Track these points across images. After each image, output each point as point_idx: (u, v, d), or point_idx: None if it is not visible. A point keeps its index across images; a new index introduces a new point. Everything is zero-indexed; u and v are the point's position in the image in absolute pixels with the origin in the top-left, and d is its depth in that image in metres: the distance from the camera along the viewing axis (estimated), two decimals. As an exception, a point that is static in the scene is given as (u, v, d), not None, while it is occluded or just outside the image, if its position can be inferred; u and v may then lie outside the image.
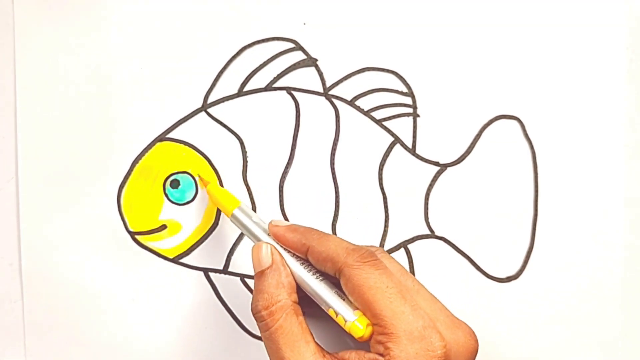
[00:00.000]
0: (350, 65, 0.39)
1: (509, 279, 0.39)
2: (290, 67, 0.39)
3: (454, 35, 0.39)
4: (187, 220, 0.38)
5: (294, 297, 0.31)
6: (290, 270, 0.32)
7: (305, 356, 0.29)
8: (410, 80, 0.39)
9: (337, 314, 0.30)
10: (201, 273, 0.38)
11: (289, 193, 0.38)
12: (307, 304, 0.32)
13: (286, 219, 0.38)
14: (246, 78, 0.38)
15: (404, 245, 0.38)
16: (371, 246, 0.33)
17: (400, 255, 0.38)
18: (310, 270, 0.32)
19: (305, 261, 0.32)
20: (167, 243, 0.38)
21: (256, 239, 0.33)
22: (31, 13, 0.38)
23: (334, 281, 0.31)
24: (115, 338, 0.38)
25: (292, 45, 0.39)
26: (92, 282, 0.38)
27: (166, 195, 0.38)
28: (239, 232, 0.38)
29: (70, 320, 0.38)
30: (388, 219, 0.38)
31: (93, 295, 0.38)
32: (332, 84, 0.39)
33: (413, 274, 0.38)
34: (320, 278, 0.32)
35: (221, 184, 0.38)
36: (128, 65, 0.38)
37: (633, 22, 0.39)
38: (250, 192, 0.38)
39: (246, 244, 0.38)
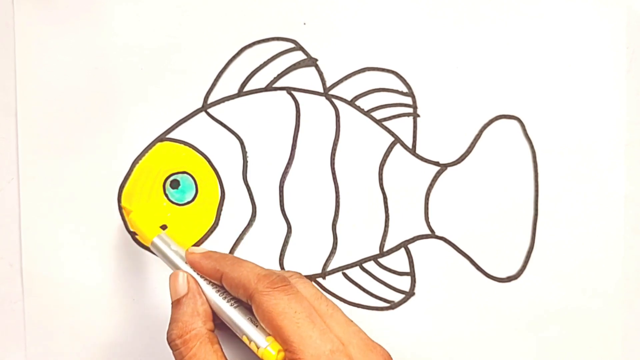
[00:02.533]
0: (350, 65, 0.39)
1: (509, 279, 0.39)
2: (290, 67, 0.39)
3: (454, 35, 0.39)
4: (187, 221, 0.38)
5: (210, 325, 0.32)
6: (207, 298, 0.32)
7: None
8: (410, 80, 0.39)
9: (250, 341, 0.31)
10: (201, 273, 0.38)
11: (289, 193, 0.38)
12: (226, 330, 0.32)
13: (286, 219, 0.38)
14: (246, 78, 0.38)
15: (404, 245, 0.39)
16: (287, 271, 0.34)
17: (400, 255, 0.38)
18: (225, 298, 0.32)
19: (221, 288, 0.33)
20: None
21: (175, 267, 0.34)
22: (31, 13, 0.38)
23: (249, 307, 0.31)
24: (115, 338, 0.38)
25: (292, 45, 0.39)
26: (92, 282, 0.38)
27: (166, 195, 0.38)
28: (239, 232, 0.38)
29: (70, 320, 0.38)
30: (388, 219, 0.38)
31: (93, 295, 0.38)
32: (332, 84, 0.39)
33: (413, 274, 0.38)
34: (235, 305, 0.32)
35: (221, 184, 0.38)
36: (128, 65, 0.38)
37: (633, 22, 0.39)
38: (250, 192, 0.38)
39: (246, 244, 0.38)
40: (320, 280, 0.38)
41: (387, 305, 0.38)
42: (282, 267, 0.38)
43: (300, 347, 0.28)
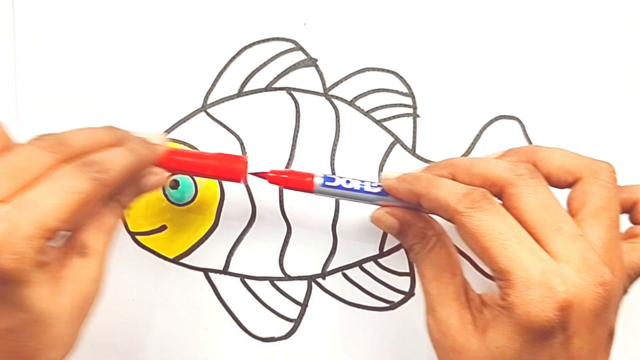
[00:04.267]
0: (350, 65, 0.39)
1: (509, 279, 0.38)
2: (290, 67, 0.39)
3: (454, 35, 0.39)
4: (187, 221, 0.38)
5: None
6: None
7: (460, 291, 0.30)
8: (410, 81, 0.39)
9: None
10: (201, 273, 0.38)
11: (289, 193, 0.38)
12: None
13: (286, 219, 0.38)
14: (246, 78, 0.38)
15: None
16: (515, 165, 0.30)
17: (400, 256, 0.38)
18: None
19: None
20: (167, 243, 0.38)
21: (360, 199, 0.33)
22: (31, 13, 0.38)
23: None
24: (115, 338, 0.38)
25: (292, 45, 0.39)
26: (92, 282, 0.38)
27: (165, 195, 0.38)
28: (239, 232, 0.38)
29: (70, 321, 0.38)
30: (388, 219, 0.38)
31: (93, 295, 0.38)
32: (332, 84, 0.39)
33: (413, 274, 0.38)
34: None
35: (221, 184, 0.38)
36: (128, 66, 0.38)
37: (633, 22, 0.39)
38: (250, 192, 0.38)
39: (246, 244, 0.38)
40: (320, 280, 0.38)
41: (387, 305, 0.38)
42: (282, 268, 0.38)
43: (508, 269, 0.27)
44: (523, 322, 0.26)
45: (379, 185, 0.33)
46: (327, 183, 0.33)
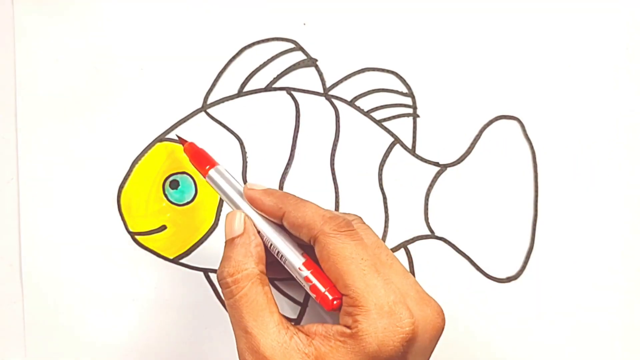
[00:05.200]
0: (350, 65, 0.39)
1: (509, 279, 0.39)
2: (290, 67, 0.39)
3: (454, 35, 0.39)
4: (187, 221, 0.38)
5: (262, 267, 0.31)
6: (262, 237, 0.31)
7: (269, 326, 0.29)
8: (410, 81, 0.39)
9: (307, 284, 0.30)
10: (201, 273, 0.38)
11: (289, 193, 0.38)
12: (277, 272, 0.32)
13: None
14: (246, 78, 0.38)
15: (404, 245, 0.38)
16: (348, 214, 0.32)
17: (400, 256, 0.38)
18: (282, 238, 0.31)
19: (279, 227, 0.32)
20: (167, 243, 0.38)
21: (231, 202, 0.33)
22: (31, 13, 0.38)
23: (308, 250, 0.31)
24: (115, 338, 0.38)
25: (292, 45, 0.39)
26: (92, 282, 0.38)
27: (165, 195, 0.38)
28: (239, 232, 0.38)
29: (70, 320, 0.38)
30: (388, 219, 0.38)
31: (93, 295, 0.38)
32: (332, 84, 0.39)
33: (413, 274, 0.38)
34: (291, 246, 0.31)
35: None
36: (128, 65, 0.38)
37: (633, 22, 0.39)
38: (250, 192, 0.38)
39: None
40: (320, 280, 0.38)
41: (386, 305, 0.38)
42: (281, 267, 0.38)
43: (364, 295, 0.27)
44: (371, 351, 0.27)
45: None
46: (215, 178, 0.33)
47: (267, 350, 0.28)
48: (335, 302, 0.29)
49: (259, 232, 0.31)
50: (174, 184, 0.38)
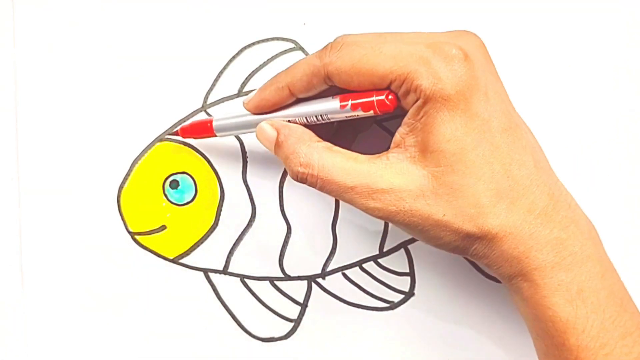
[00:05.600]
0: (350, 65, 0.39)
1: (508, 279, 0.38)
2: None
3: (454, 35, 0.39)
4: (187, 221, 0.38)
5: (317, 139, 0.31)
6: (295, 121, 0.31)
7: (364, 168, 0.29)
8: (410, 81, 0.39)
9: (361, 107, 0.29)
10: (201, 273, 0.38)
11: (289, 193, 0.38)
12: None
13: (286, 219, 0.38)
14: (246, 78, 0.38)
15: (404, 245, 0.38)
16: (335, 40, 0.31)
17: (400, 256, 0.38)
18: (306, 104, 0.31)
19: (294, 103, 0.32)
20: (167, 243, 0.38)
21: (249, 124, 0.33)
22: (31, 13, 0.38)
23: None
24: (115, 338, 0.38)
25: (292, 45, 0.39)
26: (92, 282, 0.38)
27: (165, 195, 0.38)
28: (239, 232, 0.38)
29: (70, 320, 0.38)
30: (388, 219, 0.38)
31: (93, 295, 0.38)
32: (332, 84, 0.39)
33: (413, 274, 0.38)
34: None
35: (221, 184, 0.38)
36: (128, 65, 0.38)
37: (633, 22, 0.39)
38: (250, 192, 0.38)
39: (246, 244, 0.38)
40: (320, 280, 0.38)
41: (386, 305, 0.38)
42: (282, 268, 0.38)
43: (401, 64, 0.27)
44: (448, 92, 0.27)
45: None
46: (221, 125, 0.34)
47: (380, 183, 0.28)
48: (390, 97, 0.28)
49: (289, 121, 0.32)
50: (174, 184, 0.38)
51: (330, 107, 0.30)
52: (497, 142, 0.28)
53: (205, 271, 0.38)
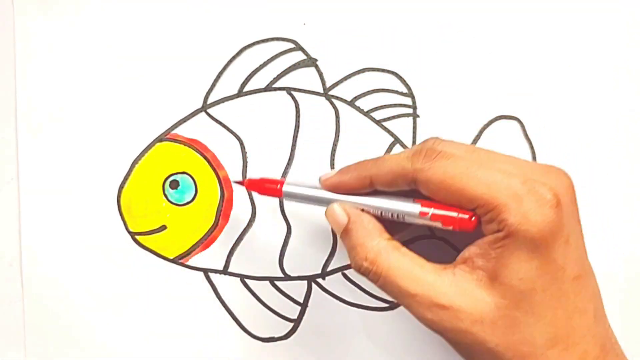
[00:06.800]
0: (350, 65, 0.39)
1: (508, 279, 0.38)
2: (290, 67, 0.39)
3: (454, 35, 0.39)
4: (187, 221, 0.38)
5: (386, 236, 0.30)
6: (371, 212, 0.31)
7: (429, 279, 0.28)
8: (410, 81, 0.39)
9: (442, 219, 0.29)
10: (201, 273, 0.38)
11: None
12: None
13: (286, 219, 0.38)
14: (246, 78, 0.38)
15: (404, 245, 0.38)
16: (425, 141, 0.30)
17: (400, 256, 0.38)
18: (386, 199, 0.31)
19: (375, 193, 0.31)
20: (167, 243, 0.38)
21: (320, 201, 0.32)
22: (31, 13, 0.38)
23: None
24: (115, 338, 0.38)
25: (292, 45, 0.39)
26: (92, 282, 0.38)
27: (165, 195, 0.38)
28: (238, 232, 0.38)
29: (70, 320, 0.38)
30: (388, 219, 0.38)
31: (93, 295, 0.38)
32: (332, 84, 0.39)
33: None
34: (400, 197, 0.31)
35: (221, 184, 0.38)
36: (128, 65, 0.38)
37: (633, 22, 0.39)
38: (250, 192, 0.38)
39: (246, 244, 0.38)
40: (320, 280, 0.38)
41: (386, 305, 0.38)
42: (282, 268, 0.38)
43: (492, 195, 0.27)
44: (532, 236, 0.26)
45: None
46: (291, 191, 0.33)
47: (442, 298, 0.28)
48: (473, 219, 0.28)
49: (362, 210, 0.31)
50: (174, 184, 0.38)
51: (409, 210, 0.30)
52: (566, 288, 0.28)
53: (205, 271, 0.38)
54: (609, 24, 0.39)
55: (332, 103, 0.39)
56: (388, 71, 0.39)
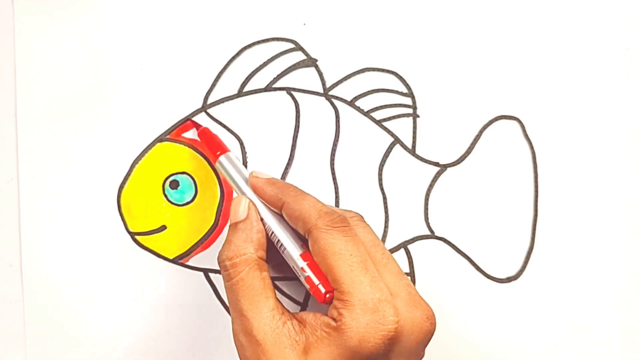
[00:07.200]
0: (350, 65, 0.39)
1: (509, 279, 0.39)
2: (290, 67, 0.39)
3: (454, 35, 0.39)
4: (187, 221, 0.38)
5: (261, 253, 0.32)
6: (264, 225, 0.32)
7: (263, 311, 0.29)
8: (410, 81, 0.39)
9: (302, 275, 0.30)
10: (201, 273, 0.38)
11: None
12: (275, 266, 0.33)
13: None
14: (246, 78, 0.38)
15: (404, 245, 0.38)
16: (349, 211, 0.33)
17: (400, 256, 0.38)
18: (282, 228, 0.32)
19: (280, 217, 0.32)
20: (167, 244, 0.38)
21: (238, 188, 0.34)
22: (31, 13, 0.38)
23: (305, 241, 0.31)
24: (115, 338, 0.38)
25: (292, 45, 0.39)
26: (92, 283, 0.38)
27: (165, 195, 0.38)
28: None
29: (70, 320, 0.38)
30: (388, 219, 0.38)
31: (93, 295, 0.38)
32: (332, 84, 0.39)
33: (413, 274, 0.38)
34: (291, 237, 0.32)
35: (221, 184, 0.38)
36: (128, 65, 0.38)
37: (633, 23, 0.39)
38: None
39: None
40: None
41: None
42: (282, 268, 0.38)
43: (350, 290, 0.28)
44: (352, 345, 0.27)
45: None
46: (224, 164, 0.35)
47: (259, 333, 0.29)
48: (327, 296, 0.29)
49: (262, 219, 0.32)
50: (174, 184, 0.38)
51: (294, 254, 0.31)
52: None
53: (205, 271, 0.38)
54: (609, 24, 0.39)
55: (332, 103, 0.39)
56: (388, 71, 0.39)
